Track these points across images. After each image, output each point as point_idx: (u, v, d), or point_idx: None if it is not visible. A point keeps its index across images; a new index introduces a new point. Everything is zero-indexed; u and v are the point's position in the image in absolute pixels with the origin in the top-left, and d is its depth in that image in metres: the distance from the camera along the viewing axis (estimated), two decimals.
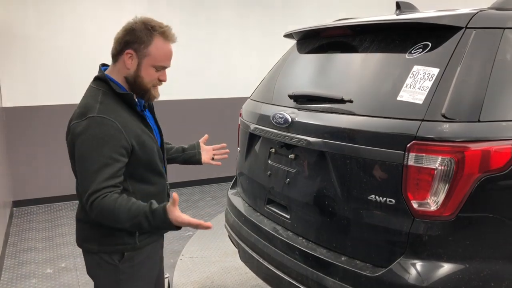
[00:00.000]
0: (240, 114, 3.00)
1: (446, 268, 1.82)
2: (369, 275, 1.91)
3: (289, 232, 2.38)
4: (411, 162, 1.83)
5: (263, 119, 2.60)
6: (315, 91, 2.37)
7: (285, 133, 2.36)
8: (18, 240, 4.57)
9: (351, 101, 2.11)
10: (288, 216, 2.37)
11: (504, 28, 1.97)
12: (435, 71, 1.90)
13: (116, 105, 1.82)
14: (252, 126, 2.71)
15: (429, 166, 1.80)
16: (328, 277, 2.05)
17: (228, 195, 3.04)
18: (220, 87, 6.34)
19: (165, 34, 1.84)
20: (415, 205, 1.83)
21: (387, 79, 2.07)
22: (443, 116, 1.81)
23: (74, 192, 1.97)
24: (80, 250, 1.98)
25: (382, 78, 2.12)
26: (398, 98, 1.93)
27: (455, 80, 1.85)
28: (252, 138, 2.77)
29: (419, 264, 1.83)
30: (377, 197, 1.91)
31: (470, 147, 1.77)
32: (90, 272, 1.98)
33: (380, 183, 1.92)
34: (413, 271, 1.82)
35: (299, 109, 2.35)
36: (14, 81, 5.29)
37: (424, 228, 1.83)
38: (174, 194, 1.69)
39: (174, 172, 6.23)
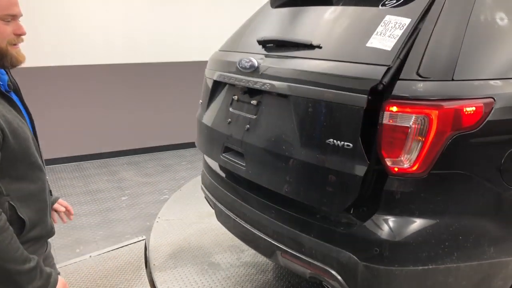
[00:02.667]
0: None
1: (417, 223, 1.88)
2: (344, 231, 1.96)
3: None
4: (385, 120, 1.85)
5: (229, 66, 2.56)
6: (285, 36, 2.37)
7: (250, 78, 2.33)
8: None
9: (320, 47, 2.12)
10: (244, 164, 2.35)
11: None
12: (406, 20, 1.91)
13: None
14: (217, 74, 2.67)
15: (403, 125, 1.82)
16: (285, 226, 2.15)
17: (204, 157, 3.03)
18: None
19: None
20: (388, 163, 1.86)
21: (358, 28, 2.10)
22: (418, 75, 1.83)
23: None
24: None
25: (353, 27, 2.14)
26: (368, 45, 1.94)
27: (429, 39, 1.86)
28: (216, 87, 2.73)
29: (391, 220, 1.88)
30: (335, 141, 1.91)
31: (444, 105, 1.80)
32: None
33: (340, 127, 1.92)
34: (385, 227, 1.88)
35: (267, 55, 2.34)
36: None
37: (398, 185, 1.87)
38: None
39: (149, 136, 6.20)
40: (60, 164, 5.61)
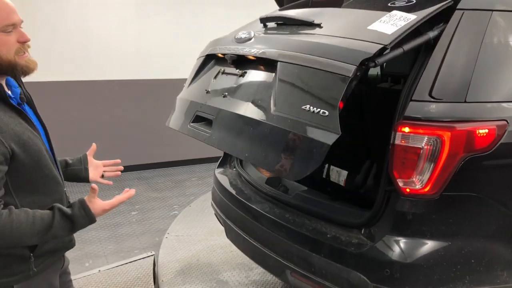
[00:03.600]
0: None
1: (429, 245, 1.86)
2: (355, 251, 1.94)
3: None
4: (397, 141, 1.85)
5: (225, 40, 2.54)
6: (287, 14, 2.40)
7: (243, 47, 2.31)
8: None
9: (320, 26, 2.13)
10: (210, 131, 2.26)
11: (492, 10, 1.99)
12: (412, 16, 1.92)
13: None
14: (210, 49, 2.63)
15: (416, 145, 1.82)
16: (295, 245, 2.15)
17: (215, 174, 3.04)
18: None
19: None
20: (400, 184, 1.86)
21: (363, 17, 2.13)
22: (431, 96, 1.83)
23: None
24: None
25: (358, 15, 2.18)
26: (369, 27, 1.94)
27: (442, 61, 1.87)
28: (204, 64, 2.67)
29: (402, 241, 1.87)
30: (312, 107, 1.83)
31: (456, 127, 1.79)
32: None
33: (320, 94, 1.89)
34: (396, 248, 1.86)
35: (266, 32, 2.36)
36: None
37: (409, 206, 1.86)
38: (94, 185, 1.57)
39: (160, 152, 6.24)
40: None
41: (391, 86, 2.52)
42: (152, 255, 3.57)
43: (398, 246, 1.87)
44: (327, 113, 1.78)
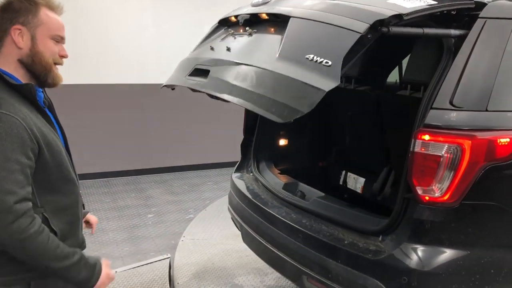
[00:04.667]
0: None
1: (447, 253, 1.85)
2: (373, 258, 1.94)
3: None
4: (417, 148, 1.85)
5: (241, 8, 2.50)
6: None
7: (258, 8, 2.30)
8: None
9: None
10: (206, 79, 2.19)
11: None
12: (433, 2, 1.90)
13: (12, 99, 1.49)
14: (225, 16, 2.58)
15: (435, 153, 1.82)
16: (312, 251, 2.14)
17: (232, 178, 3.07)
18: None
19: (50, 3, 1.61)
20: (419, 191, 1.85)
21: None
22: (451, 104, 1.83)
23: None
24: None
25: None
26: (388, 1, 1.92)
27: (463, 69, 1.87)
28: (216, 28, 2.63)
29: (420, 249, 1.86)
30: (315, 57, 1.80)
31: (477, 136, 1.79)
32: None
33: (327, 46, 1.87)
34: (414, 256, 1.86)
35: None
36: None
37: (428, 214, 1.85)
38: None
39: (177, 156, 6.30)
40: (89, 179, 5.73)
41: (410, 94, 2.51)
42: (168, 258, 3.60)
43: (416, 254, 1.86)
44: (330, 63, 1.75)
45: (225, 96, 1.99)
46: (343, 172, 3.08)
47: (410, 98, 2.52)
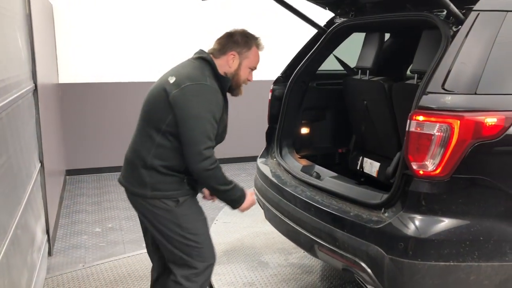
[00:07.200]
0: None
1: (439, 222, 2.07)
2: (374, 227, 2.18)
3: None
4: (412, 128, 2.08)
5: None
6: None
7: None
8: (71, 203, 5.07)
9: None
10: None
11: (507, 11, 2.16)
12: None
13: (215, 84, 2.20)
14: None
15: (428, 132, 2.04)
16: (322, 222, 2.37)
17: (258, 163, 3.35)
18: None
19: (260, 43, 2.32)
20: (414, 166, 2.08)
21: None
22: (443, 88, 2.05)
23: (120, 163, 2.32)
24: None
25: None
26: None
27: (455, 56, 2.08)
28: None
29: (416, 218, 2.09)
30: None
31: (465, 116, 2.00)
32: (146, 215, 2.25)
33: None
34: (410, 224, 2.08)
35: None
36: (70, 60, 5.79)
37: (422, 187, 2.08)
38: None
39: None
40: (106, 173, 6.17)
41: (417, 82, 2.71)
42: None
43: (412, 223, 2.08)
44: None
45: None
46: (360, 158, 3.31)
47: (417, 86, 2.72)
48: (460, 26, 2.17)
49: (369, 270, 2.19)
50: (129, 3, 5.94)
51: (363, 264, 2.21)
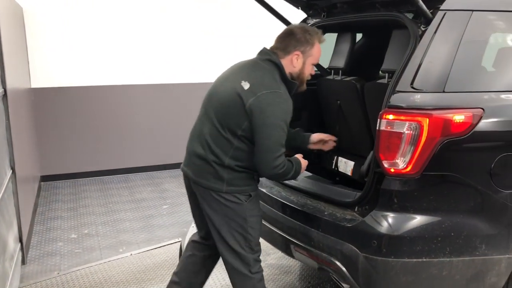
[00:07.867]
0: None
1: (411, 219, 2.10)
2: (348, 225, 2.19)
3: None
4: (383, 127, 2.10)
5: None
6: None
7: None
8: (46, 210, 4.97)
9: None
10: None
11: (473, 10, 2.21)
12: None
13: (286, 91, 2.25)
14: None
15: (398, 130, 2.07)
16: (297, 222, 2.37)
17: None
18: None
19: (320, 37, 2.32)
20: (386, 165, 2.10)
21: None
22: (412, 87, 2.07)
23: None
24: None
25: None
26: None
27: (423, 56, 2.11)
28: None
29: (388, 216, 2.11)
30: None
31: (433, 114, 2.03)
32: (214, 208, 2.31)
33: None
34: (382, 222, 2.11)
35: None
36: (42, 63, 5.69)
37: (394, 184, 2.10)
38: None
39: None
40: (110, 175, 6.11)
41: (388, 82, 2.74)
42: (179, 241, 3.90)
43: (384, 220, 2.11)
44: None
45: None
46: (335, 157, 3.33)
47: (388, 85, 2.75)
48: (428, 26, 2.20)
49: (343, 269, 2.21)
50: (103, 5, 5.87)
51: (338, 263, 2.23)
